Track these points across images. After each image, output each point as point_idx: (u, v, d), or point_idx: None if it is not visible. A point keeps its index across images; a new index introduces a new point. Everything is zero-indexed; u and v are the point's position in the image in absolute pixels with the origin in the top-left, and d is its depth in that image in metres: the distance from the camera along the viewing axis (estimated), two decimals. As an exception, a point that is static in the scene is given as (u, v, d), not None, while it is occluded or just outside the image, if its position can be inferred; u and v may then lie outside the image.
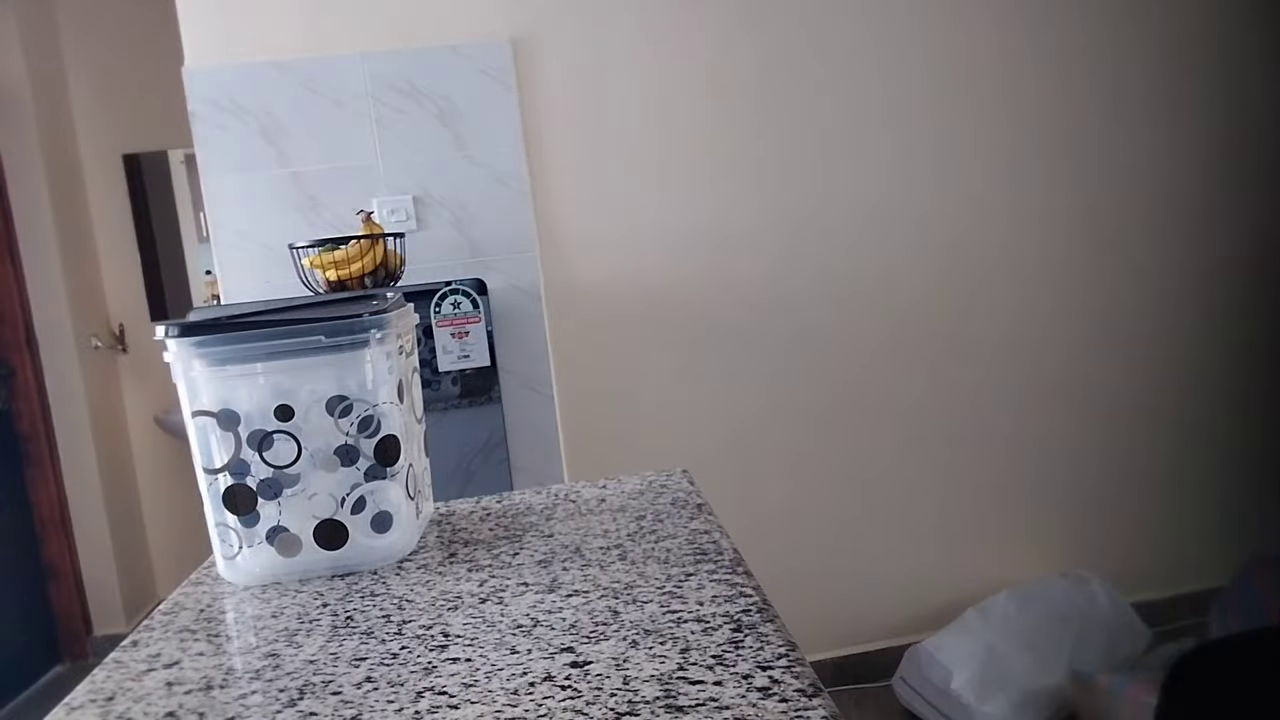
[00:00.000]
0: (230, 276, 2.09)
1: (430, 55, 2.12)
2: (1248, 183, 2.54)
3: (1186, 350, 2.56)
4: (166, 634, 0.77)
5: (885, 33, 2.33)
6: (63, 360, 3.19)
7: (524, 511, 1.00)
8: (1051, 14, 2.39)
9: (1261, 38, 2.51)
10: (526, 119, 2.18)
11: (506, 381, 2.14)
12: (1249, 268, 2.57)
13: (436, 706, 0.58)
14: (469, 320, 1.84)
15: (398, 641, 0.69)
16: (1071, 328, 2.50)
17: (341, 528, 0.85)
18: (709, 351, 2.33)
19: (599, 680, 0.59)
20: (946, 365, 2.44)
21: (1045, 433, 2.51)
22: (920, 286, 2.41)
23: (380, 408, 0.85)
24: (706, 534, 0.86)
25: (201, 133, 2.05)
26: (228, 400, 0.83)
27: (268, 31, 2.07)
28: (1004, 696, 2.13)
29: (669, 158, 2.27)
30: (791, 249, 2.34)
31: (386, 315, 0.86)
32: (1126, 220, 2.49)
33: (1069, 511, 2.55)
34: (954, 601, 2.45)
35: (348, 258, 1.81)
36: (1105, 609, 2.33)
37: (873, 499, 2.45)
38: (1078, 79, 2.42)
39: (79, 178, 3.39)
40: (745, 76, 2.28)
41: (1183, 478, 2.60)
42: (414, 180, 2.13)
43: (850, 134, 2.34)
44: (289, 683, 0.65)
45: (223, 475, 0.84)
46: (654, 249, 2.28)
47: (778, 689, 0.56)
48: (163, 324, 0.84)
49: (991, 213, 2.42)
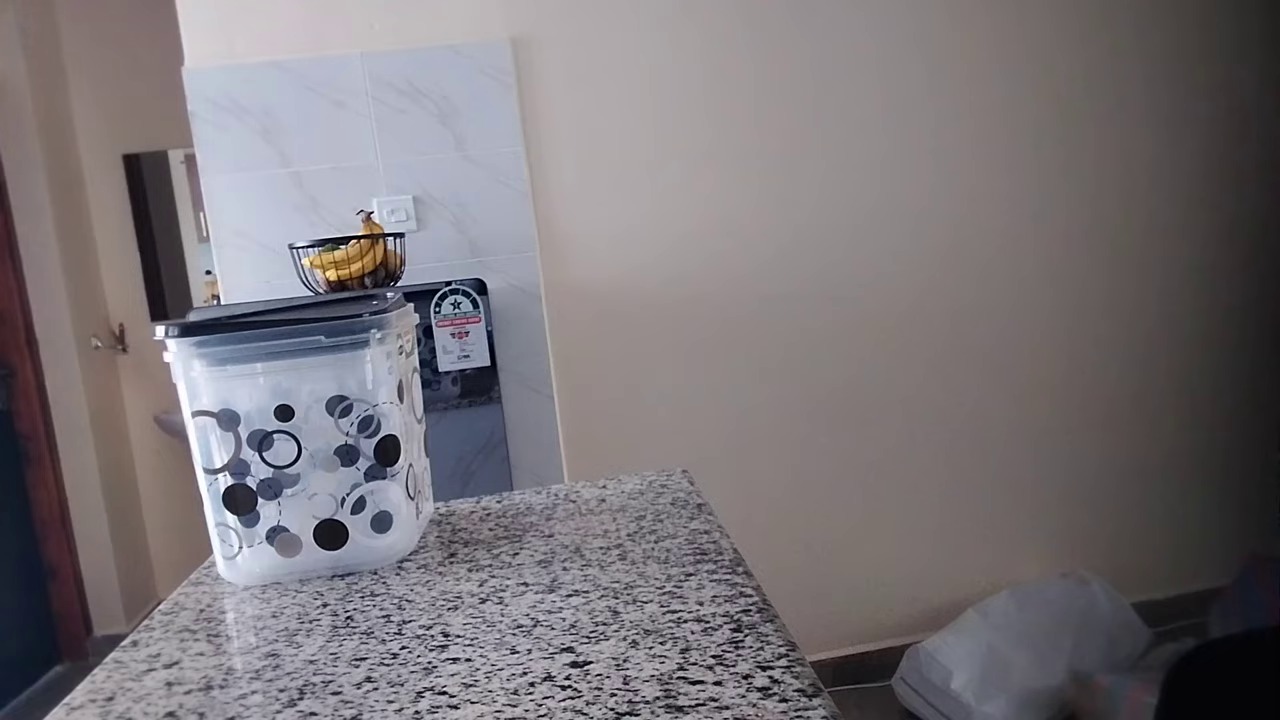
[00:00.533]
0: (230, 276, 2.09)
1: (430, 55, 2.12)
2: (1247, 181, 2.54)
3: (1186, 349, 2.56)
4: (166, 634, 0.77)
5: (884, 33, 2.33)
6: (63, 360, 3.19)
7: (524, 511, 1.00)
8: (1051, 14, 2.39)
9: (1261, 37, 2.51)
10: (526, 119, 2.18)
11: (506, 381, 2.14)
12: (1249, 266, 2.57)
13: (436, 706, 0.58)
14: (469, 320, 1.84)
15: (398, 641, 0.69)
16: (1071, 327, 2.50)
17: (341, 528, 0.85)
18: (709, 351, 2.33)
19: (599, 680, 0.59)
20: (947, 365, 2.44)
21: (1045, 432, 2.51)
22: (920, 286, 2.41)
23: (380, 408, 0.85)
24: (706, 534, 0.86)
25: (201, 133, 2.05)
26: (228, 400, 0.83)
27: (268, 31, 2.07)
28: (1004, 696, 2.13)
29: (669, 157, 2.27)
30: (791, 248, 2.34)
31: (386, 315, 0.86)
32: (1127, 219, 2.49)
33: (1069, 511, 2.55)
34: (954, 601, 2.45)
35: (348, 258, 1.81)
36: (1105, 609, 2.33)
37: (873, 499, 2.45)
38: (1077, 79, 2.42)
39: (79, 178, 3.39)
40: (745, 76, 2.28)
41: (1183, 478, 2.60)
42: (414, 180, 2.13)
43: (850, 133, 2.34)
44: (289, 683, 0.65)
45: (223, 475, 0.84)
46: (654, 249, 2.28)
47: (778, 689, 0.56)
48: (163, 324, 0.84)
49: (990, 212, 2.42)
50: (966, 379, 2.46)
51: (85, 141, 3.40)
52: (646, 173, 2.26)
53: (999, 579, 2.47)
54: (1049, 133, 2.43)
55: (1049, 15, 2.39)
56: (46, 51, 3.26)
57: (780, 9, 2.27)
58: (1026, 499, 2.52)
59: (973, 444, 2.48)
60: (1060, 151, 2.44)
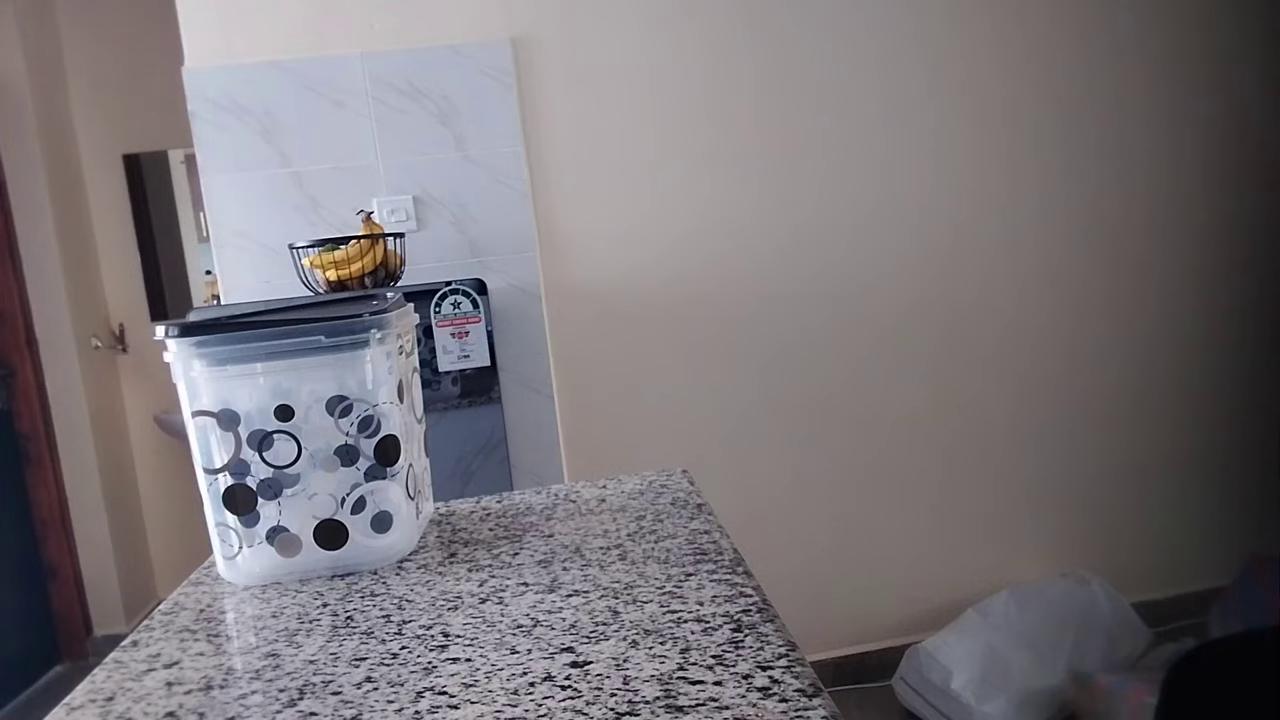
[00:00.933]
0: (230, 276, 2.09)
1: (430, 55, 2.12)
2: (1246, 181, 2.54)
3: (1186, 349, 2.56)
4: (166, 634, 0.77)
5: (883, 33, 2.33)
6: (63, 360, 3.19)
7: (524, 511, 1.00)
8: (1051, 14, 2.39)
9: (1261, 37, 2.51)
10: (526, 119, 2.18)
11: (506, 381, 2.14)
12: (1249, 266, 2.57)
13: (436, 706, 0.58)
14: (469, 320, 1.84)
15: (398, 641, 0.69)
16: (1071, 327, 2.50)
17: (341, 528, 0.85)
18: (709, 351, 2.33)
19: (599, 680, 0.59)
20: (947, 364, 2.44)
21: (1045, 432, 2.51)
22: (920, 286, 2.41)
23: (380, 408, 0.85)
24: (706, 534, 0.86)
25: (201, 133, 2.05)
26: (228, 400, 0.83)
27: (268, 31, 2.07)
28: (1004, 696, 2.13)
29: (669, 157, 2.27)
30: (791, 248, 2.34)
31: (386, 315, 0.86)
32: (1126, 219, 2.49)
33: (1069, 511, 2.55)
34: (954, 601, 2.45)
35: (348, 258, 1.81)
36: (1105, 609, 2.33)
37: (872, 498, 2.45)
38: (1076, 79, 2.43)
39: (79, 178, 3.39)
40: (744, 76, 2.28)
41: (1183, 477, 2.60)
42: (414, 180, 2.13)
43: (849, 133, 2.34)
44: (289, 683, 0.65)
45: (223, 475, 0.84)
46: (654, 248, 2.28)
47: (778, 689, 0.56)
48: (163, 324, 0.83)
49: (990, 212, 2.42)
50: (966, 379, 2.46)
51: (85, 141, 3.40)
52: (647, 173, 2.26)
53: (999, 579, 2.47)
54: (1049, 133, 2.43)
55: (1049, 15, 2.39)
56: (46, 51, 3.26)
57: (780, 9, 2.27)
58: (1026, 499, 2.52)
59: (972, 444, 2.48)
60: (1060, 151, 2.44)
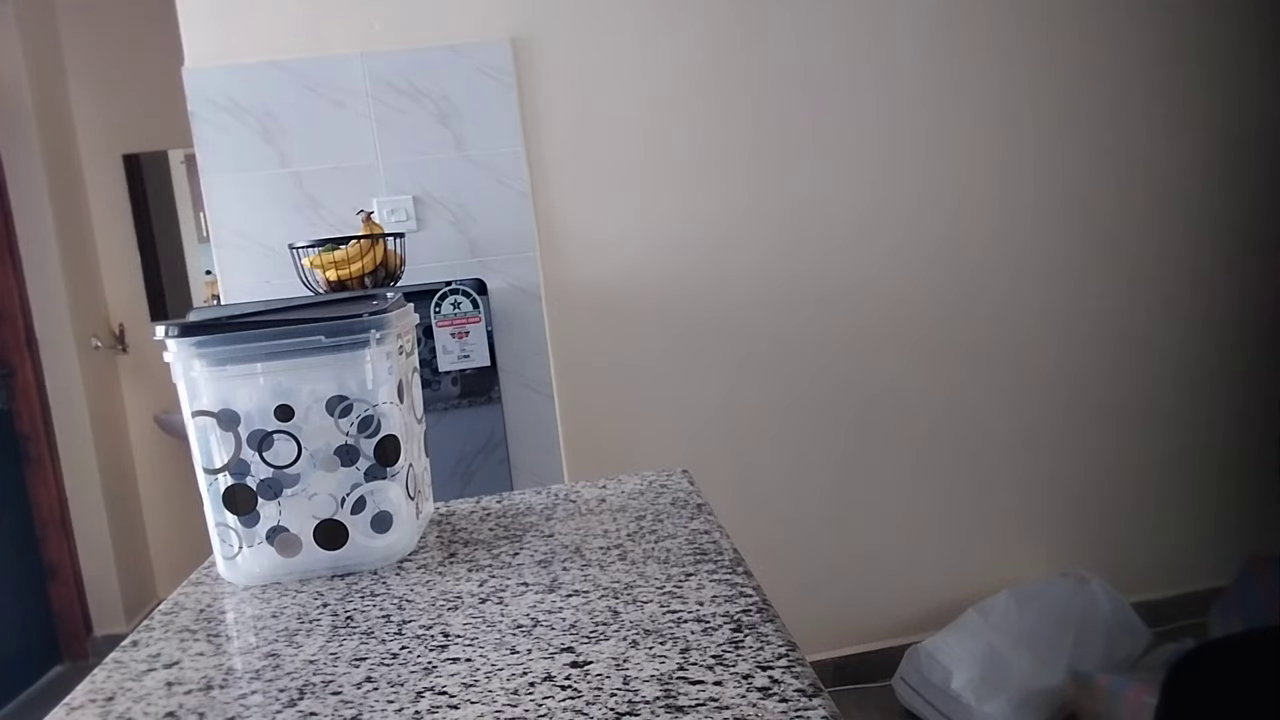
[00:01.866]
0: (230, 276, 2.09)
1: (430, 55, 2.12)
2: (1244, 181, 2.54)
3: (1185, 349, 2.56)
4: (166, 634, 0.77)
5: (881, 33, 2.33)
6: (63, 360, 3.19)
7: (524, 511, 1.00)
8: (1047, 13, 2.39)
9: (1261, 37, 2.51)
10: (526, 119, 2.18)
11: (506, 381, 2.14)
12: (1246, 266, 2.57)
13: (436, 706, 0.58)
14: (469, 320, 1.84)
15: (398, 641, 0.69)
16: (1070, 326, 2.50)
17: (341, 528, 0.85)
18: (709, 351, 2.33)
19: (599, 680, 0.59)
20: (946, 364, 2.44)
21: (1045, 432, 2.51)
22: (920, 285, 2.41)
23: (380, 408, 0.85)
24: (706, 534, 0.86)
25: (201, 133, 2.05)
26: (228, 400, 0.83)
27: (268, 31, 2.07)
28: (1004, 696, 2.13)
29: (668, 157, 2.27)
30: (790, 247, 2.34)
31: (386, 315, 0.86)
32: (1123, 219, 2.49)
33: (1069, 511, 2.55)
34: (954, 601, 2.45)
35: (348, 258, 1.81)
36: (1105, 609, 2.33)
37: (872, 498, 2.45)
38: (1074, 79, 2.42)
39: (79, 178, 3.39)
40: (743, 76, 2.28)
41: (1182, 477, 2.60)
42: (414, 180, 2.13)
43: (846, 133, 2.34)
44: (289, 683, 0.65)
45: (223, 475, 0.84)
46: (654, 248, 2.28)
47: (778, 689, 0.56)
48: (162, 324, 0.83)
49: (987, 212, 2.42)
50: (965, 378, 2.46)
51: (85, 141, 3.40)
52: (646, 172, 2.26)
53: (999, 579, 2.47)
54: (1048, 133, 2.43)
55: (1048, 15, 2.39)
56: (46, 51, 3.26)
57: (779, 10, 2.27)
58: (1027, 499, 2.52)
59: (972, 443, 2.48)
60: (1059, 151, 2.44)
